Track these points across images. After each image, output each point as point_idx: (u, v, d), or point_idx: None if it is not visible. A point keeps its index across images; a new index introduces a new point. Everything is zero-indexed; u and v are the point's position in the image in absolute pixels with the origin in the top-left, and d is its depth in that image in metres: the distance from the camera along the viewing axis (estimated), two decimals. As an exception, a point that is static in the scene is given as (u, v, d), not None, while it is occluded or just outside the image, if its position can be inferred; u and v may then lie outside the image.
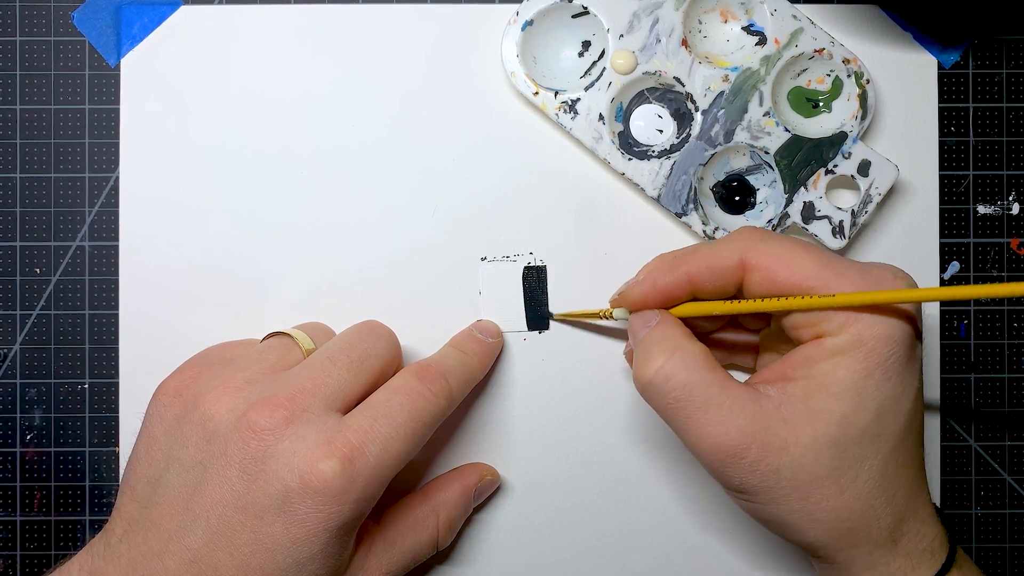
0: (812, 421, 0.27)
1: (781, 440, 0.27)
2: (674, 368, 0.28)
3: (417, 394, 0.30)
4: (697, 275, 0.30)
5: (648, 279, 0.31)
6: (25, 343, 0.37)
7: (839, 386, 0.27)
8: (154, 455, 0.30)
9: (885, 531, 0.28)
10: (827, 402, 0.27)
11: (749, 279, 0.29)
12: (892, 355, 0.27)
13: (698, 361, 0.28)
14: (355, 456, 0.28)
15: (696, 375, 0.28)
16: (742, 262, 0.29)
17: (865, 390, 0.27)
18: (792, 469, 0.27)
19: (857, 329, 0.27)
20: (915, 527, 0.28)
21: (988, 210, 0.38)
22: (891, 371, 0.27)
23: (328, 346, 0.32)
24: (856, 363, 0.27)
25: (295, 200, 0.37)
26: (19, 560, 0.37)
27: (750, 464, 0.27)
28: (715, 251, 0.30)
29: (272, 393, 0.29)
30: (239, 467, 0.28)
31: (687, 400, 0.28)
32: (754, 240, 0.29)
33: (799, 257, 0.28)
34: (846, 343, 0.27)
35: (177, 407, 0.30)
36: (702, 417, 0.28)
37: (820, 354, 0.28)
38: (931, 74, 0.37)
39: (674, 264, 0.30)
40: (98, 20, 0.37)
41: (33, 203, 0.37)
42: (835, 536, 0.28)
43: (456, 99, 0.37)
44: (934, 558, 0.28)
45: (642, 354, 0.29)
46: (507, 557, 0.37)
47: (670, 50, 0.36)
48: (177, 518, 0.28)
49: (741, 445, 0.27)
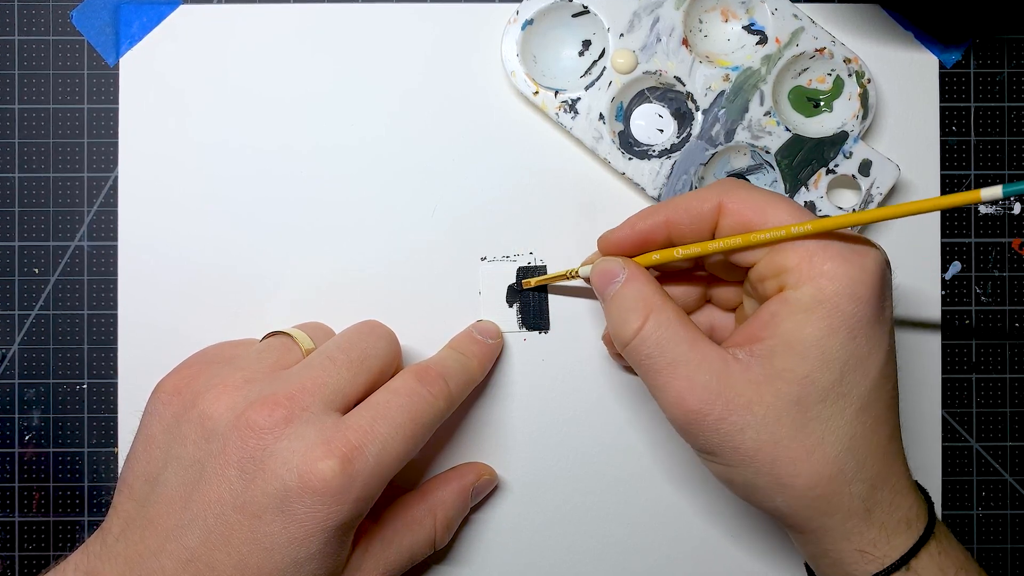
0: (775, 380, 0.27)
1: (745, 399, 0.27)
2: (649, 329, 0.28)
3: (417, 395, 0.30)
4: (675, 217, 0.30)
5: (627, 223, 0.31)
6: (24, 343, 0.37)
7: (802, 344, 0.27)
8: (152, 453, 0.30)
9: (857, 499, 0.27)
10: (791, 361, 0.27)
11: (723, 223, 0.29)
12: (857, 312, 0.27)
13: (671, 319, 0.28)
14: (354, 456, 0.28)
15: (668, 332, 0.28)
16: (719, 206, 0.29)
17: (829, 349, 0.27)
18: (756, 429, 0.27)
19: (820, 283, 0.27)
20: (888, 496, 0.28)
21: (990, 210, 0.38)
22: (856, 330, 0.27)
23: (327, 345, 0.32)
24: (820, 320, 0.27)
25: (295, 200, 0.37)
26: (18, 561, 0.37)
27: (713, 422, 0.27)
28: (694, 195, 0.30)
29: (272, 392, 0.29)
30: (237, 466, 0.28)
31: (658, 356, 0.28)
32: (734, 187, 0.29)
33: (772, 204, 0.28)
34: (809, 298, 0.27)
35: (176, 405, 0.30)
36: (670, 373, 0.28)
37: (785, 311, 0.27)
38: (932, 73, 0.37)
39: (655, 209, 0.30)
40: (97, 19, 0.37)
41: (32, 203, 0.37)
42: (805, 503, 0.27)
43: (456, 99, 0.37)
44: (910, 529, 0.28)
45: (618, 313, 0.29)
46: (506, 558, 0.37)
47: (671, 49, 0.36)
48: (174, 517, 0.28)
49: (705, 401, 0.27)
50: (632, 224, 0.31)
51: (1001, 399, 0.38)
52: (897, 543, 0.27)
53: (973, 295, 0.38)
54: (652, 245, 0.31)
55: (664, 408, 0.29)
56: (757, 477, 0.27)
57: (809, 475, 0.27)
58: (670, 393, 0.28)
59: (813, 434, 0.27)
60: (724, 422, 0.27)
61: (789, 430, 0.27)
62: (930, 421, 0.37)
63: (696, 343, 0.28)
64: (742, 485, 0.28)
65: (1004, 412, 0.38)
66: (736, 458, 0.27)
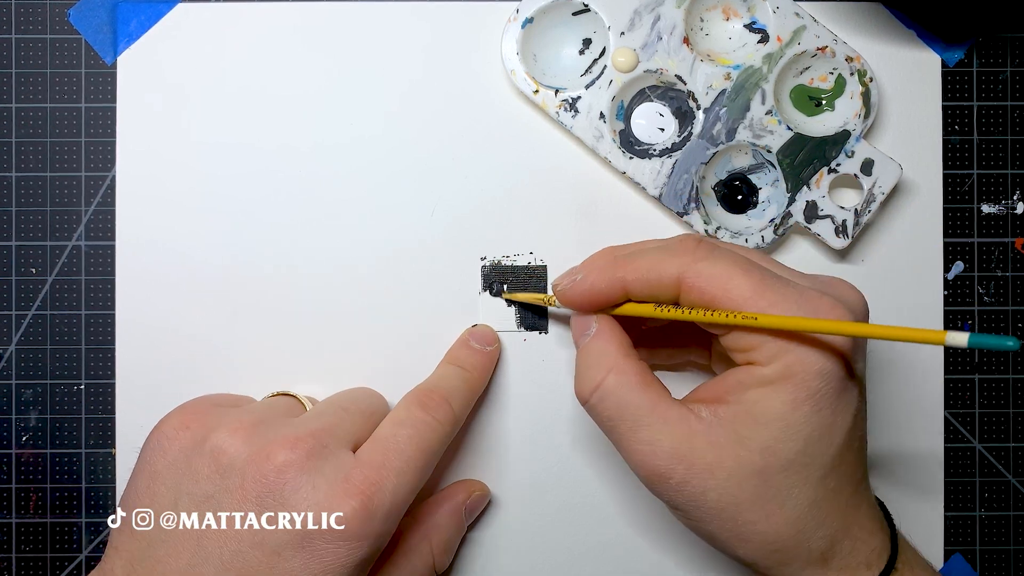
0: (737, 448, 0.27)
1: (707, 463, 0.27)
2: (608, 388, 0.29)
3: (423, 424, 0.30)
4: (632, 285, 0.29)
5: (586, 280, 0.30)
6: (21, 344, 0.37)
7: (766, 416, 0.27)
8: (156, 490, 0.29)
9: (816, 553, 0.28)
10: (753, 430, 0.27)
11: (686, 297, 0.28)
12: (822, 388, 0.27)
13: (631, 381, 0.28)
14: (373, 493, 0.28)
15: (628, 396, 0.28)
16: (679, 279, 0.28)
17: (793, 422, 0.27)
18: (717, 492, 0.27)
19: (787, 361, 0.27)
20: (848, 545, 0.28)
21: (992, 209, 0.37)
22: (821, 403, 0.27)
23: (333, 399, 0.33)
24: (784, 394, 0.27)
25: (293, 199, 0.37)
26: (14, 562, 0.37)
27: (676, 484, 0.27)
28: (652, 266, 0.29)
29: (292, 431, 0.29)
30: (256, 501, 0.27)
31: (619, 420, 0.28)
32: (694, 259, 0.28)
33: (736, 281, 0.27)
34: (775, 374, 0.27)
35: (184, 440, 0.29)
36: (632, 436, 0.28)
37: (750, 381, 0.27)
38: (935, 72, 0.37)
39: (613, 268, 0.30)
40: (94, 17, 0.37)
41: (29, 202, 0.37)
42: (764, 555, 0.28)
43: (456, 97, 0.37)
44: (870, 569, 0.28)
45: (580, 370, 0.30)
46: (507, 559, 0.37)
47: (671, 48, 0.35)
48: (187, 555, 0.27)
49: (667, 466, 0.27)
50: (591, 284, 0.30)
51: (1004, 400, 0.37)
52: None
53: (976, 295, 0.37)
54: (612, 303, 0.30)
55: (629, 466, 0.29)
56: (721, 533, 0.28)
57: (768, 534, 0.27)
58: (635, 456, 0.28)
59: (774, 500, 0.27)
60: (687, 485, 0.27)
61: (750, 495, 0.27)
62: (932, 422, 0.37)
63: (657, 406, 0.28)
64: (707, 535, 0.29)
65: (1007, 413, 0.37)
66: (698, 515, 0.28)
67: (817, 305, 0.27)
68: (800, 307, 0.27)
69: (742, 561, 0.29)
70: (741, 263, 0.28)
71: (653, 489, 0.29)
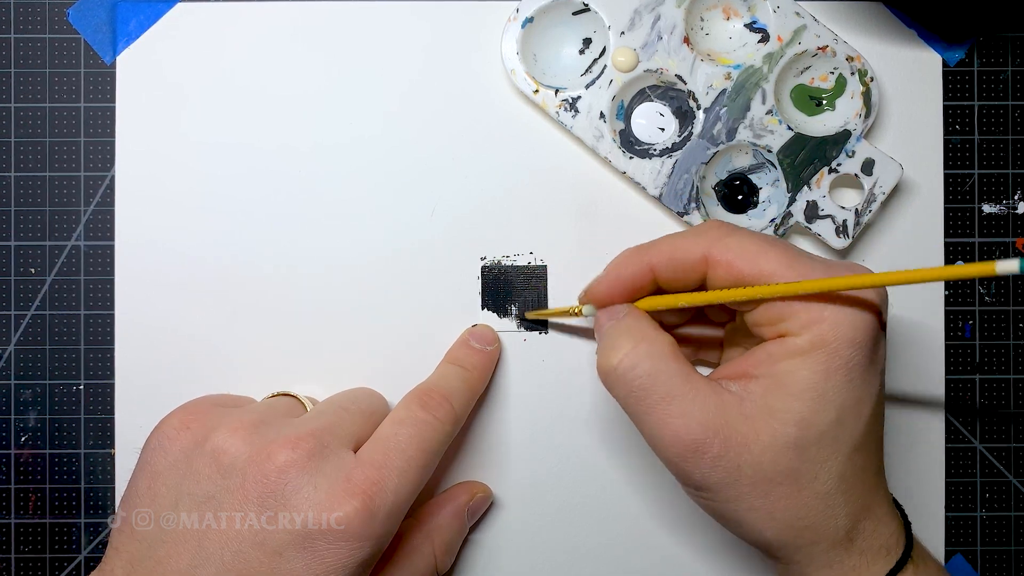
0: (771, 420, 0.27)
1: (742, 436, 0.27)
2: (639, 357, 0.28)
3: (423, 423, 0.30)
4: (659, 267, 0.29)
5: (612, 272, 0.30)
6: (20, 344, 0.37)
7: (799, 387, 0.27)
8: (157, 490, 0.29)
9: (841, 530, 0.27)
10: (786, 402, 0.27)
11: (713, 274, 0.28)
12: (854, 357, 0.27)
13: (664, 351, 0.28)
14: (375, 493, 0.28)
15: (661, 364, 0.28)
16: (705, 257, 0.28)
17: (826, 392, 0.27)
18: (752, 467, 0.27)
19: (821, 330, 0.27)
20: (871, 525, 0.28)
21: (993, 209, 0.37)
22: (853, 373, 0.27)
23: (333, 399, 0.32)
24: (817, 364, 0.27)
25: (293, 199, 0.37)
26: (13, 563, 0.37)
27: (712, 459, 0.27)
28: (678, 245, 0.29)
29: (293, 431, 0.29)
30: (258, 502, 0.27)
31: (650, 389, 0.28)
32: (720, 235, 0.28)
33: (764, 253, 0.28)
34: (808, 343, 0.27)
35: (185, 440, 0.29)
36: (665, 408, 0.27)
37: (781, 352, 0.27)
38: (935, 72, 0.37)
39: (638, 255, 0.30)
40: (93, 17, 0.37)
41: (28, 202, 0.37)
42: (792, 534, 0.27)
43: (455, 97, 0.37)
44: (889, 555, 0.28)
45: (607, 343, 0.29)
46: (508, 559, 0.37)
47: (672, 48, 0.35)
48: (188, 556, 0.27)
49: (703, 439, 0.27)
50: (616, 273, 0.30)
51: (1005, 400, 0.37)
52: (876, 569, 0.28)
53: (977, 295, 0.37)
54: (639, 293, 0.30)
55: (657, 445, 0.28)
56: (749, 512, 0.27)
57: (799, 507, 0.27)
58: (666, 430, 0.27)
59: (807, 473, 0.27)
60: (723, 459, 0.27)
61: (784, 468, 0.27)
62: (933, 422, 0.37)
63: (690, 377, 0.28)
64: (732, 520, 0.28)
65: (1008, 413, 0.37)
66: (730, 493, 0.27)
67: (848, 270, 0.27)
68: (828, 273, 0.27)
69: (768, 543, 0.28)
70: (768, 238, 0.28)
71: (684, 467, 0.27)
